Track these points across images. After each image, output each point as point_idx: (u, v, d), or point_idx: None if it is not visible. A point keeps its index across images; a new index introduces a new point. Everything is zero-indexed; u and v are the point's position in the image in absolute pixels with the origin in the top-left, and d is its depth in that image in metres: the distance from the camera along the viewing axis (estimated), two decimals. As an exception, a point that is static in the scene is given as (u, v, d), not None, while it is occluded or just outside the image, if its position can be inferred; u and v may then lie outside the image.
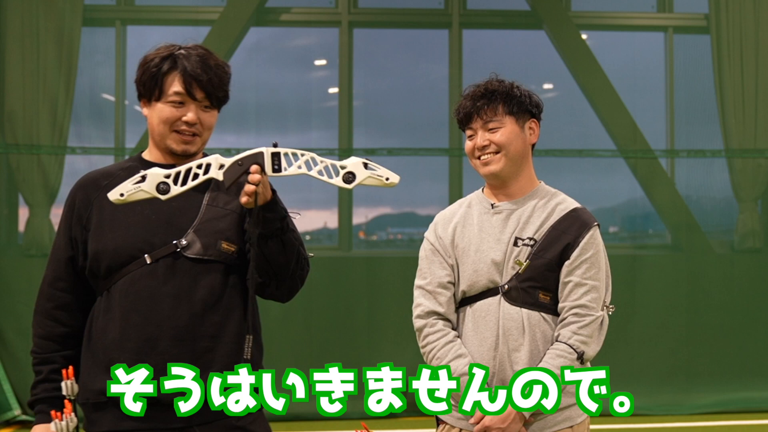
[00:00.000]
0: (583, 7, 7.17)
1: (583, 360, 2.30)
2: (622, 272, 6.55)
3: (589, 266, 2.33)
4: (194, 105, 2.19)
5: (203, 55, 2.21)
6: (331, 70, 7.13)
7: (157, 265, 2.14)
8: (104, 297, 2.18)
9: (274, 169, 2.00)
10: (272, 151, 2.00)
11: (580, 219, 2.38)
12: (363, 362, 6.52)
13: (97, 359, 2.15)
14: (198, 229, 2.17)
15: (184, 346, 2.12)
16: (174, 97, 2.17)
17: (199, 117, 2.20)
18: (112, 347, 2.13)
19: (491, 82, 2.43)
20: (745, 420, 6.10)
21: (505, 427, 2.25)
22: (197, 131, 2.21)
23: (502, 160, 2.39)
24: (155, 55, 2.20)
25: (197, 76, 2.16)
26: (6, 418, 6.04)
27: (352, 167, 1.99)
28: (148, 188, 1.97)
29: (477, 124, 2.42)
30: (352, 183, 1.99)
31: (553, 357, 2.28)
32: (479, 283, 2.36)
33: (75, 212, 2.23)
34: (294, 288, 2.28)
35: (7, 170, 6.50)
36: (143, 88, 2.20)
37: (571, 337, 2.29)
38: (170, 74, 2.17)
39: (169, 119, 2.18)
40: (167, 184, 1.98)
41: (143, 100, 2.23)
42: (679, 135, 7.00)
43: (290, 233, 2.15)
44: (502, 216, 2.41)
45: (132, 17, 6.98)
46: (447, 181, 6.87)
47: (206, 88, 2.18)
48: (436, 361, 2.36)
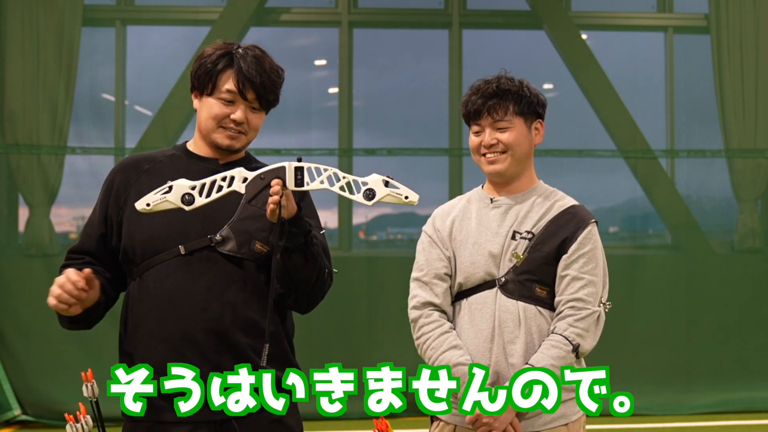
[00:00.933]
0: (583, 7, 7.17)
1: (578, 353, 2.31)
2: (622, 272, 6.55)
3: (587, 261, 2.34)
4: (244, 105, 2.22)
5: (259, 56, 2.24)
6: (331, 70, 7.13)
7: (191, 257, 2.16)
8: (137, 283, 2.21)
9: (297, 184, 2.02)
10: (295, 166, 2.03)
11: (579, 215, 2.39)
12: (363, 362, 6.50)
13: (135, 348, 2.17)
14: (234, 227, 2.19)
15: (219, 341, 2.14)
16: (226, 94, 2.20)
17: (246, 117, 2.23)
18: (149, 336, 2.15)
19: (503, 81, 2.42)
20: (745, 420, 6.10)
21: (498, 417, 2.25)
22: (243, 130, 2.24)
23: (507, 160, 2.40)
24: (213, 50, 2.23)
25: (251, 77, 2.20)
26: (6, 418, 6.04)
27: (372, 184, 2.02)
28: (173, 199, 2.01)
29: (486, 122, 2.41)
30: (372, 200, 2.02)
31: (548, 348, 2.29)
32: (476, 275, 2.37)
33: (113, 192, 2.25)
34: (313, 302, 2.28)
35: (7, 170, 6.50)
36: (197, 81, 2.23)
37: (566, 329, 2.30)
38: (225, 72, 2.20)
39: (218, 116, 2.21)
40: (192, 196, 2.02)
41: (195, 92, 2.26)
42: (679, 135, 7.00)
43: (314, 248, 2.16)
44: (501, 210, 2.42)
45: (132, 17, 6.98)
46: (447, 181, 6.87)
47: (258, 89, 2.22)
48: (430, 351, 2.37)
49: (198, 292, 2.15)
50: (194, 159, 2.27)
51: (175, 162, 2.26)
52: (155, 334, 2.15)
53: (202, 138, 2.28)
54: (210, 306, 2.15)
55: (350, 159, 6.83)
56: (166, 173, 2.21)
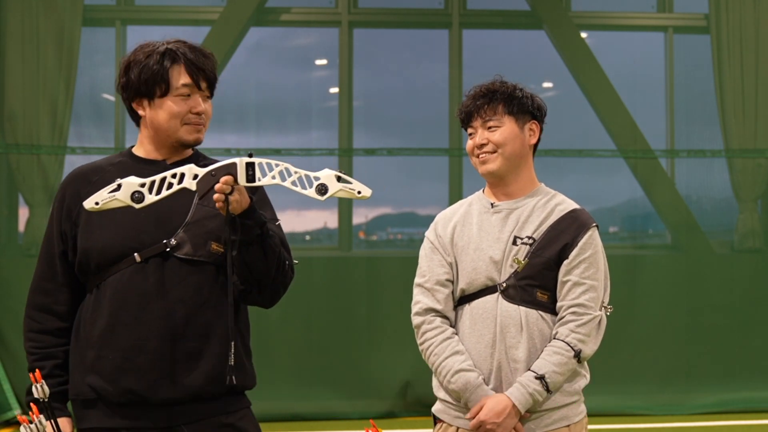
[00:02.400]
0: (583, 7, 7.17)
1: (580, 359, 2.33)
2: (622, 272, 6.55)
3: (588, 266, 2.36)
4: (199, 95, 2.21)
5: (195, 46, 2.23)
6: (331, 70, 7.13)
7: (147, 264, 2.15)
8: (93, 294, 2.19)
9: (248, 179, 2.02)
10: (246, 161, 2.02)
11: (579, 219, 2.40)
12: (363, 362, 6.56)
13: (86, 356, 2.17)
14: (188, 229, 2.17)
15: (174, 346, 2.13)
16: (183, 89, 2.18)
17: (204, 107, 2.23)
18: (101, 344, 2.15)
19: (494, 83, 2.47)
20: (745, 420, 6.10)
21: (500, 421, 2.28)
22: (203, 121, 2.23)
23: (498, 159, 2.42)
24: (148, 52, 2.19)
25: (203, 66, 2.19)
26: (6, 418, 6.04)
27: (325, 179, 2.02)
28: (122, 197, 2.00)
29: (477, 123, 2.45)
30: (324, 195, 2.02)
31: (550, 354, 2.31)
32: (478, 281, 2.39)
33: (65, 207, 2.23)
34: (276, 294, 2.26)
35: (7, 170, 6.50)
36: (144, 86, 2.18)
37: (568, 335, 2.32)
38: (174, 68, 2.18)
39: (181, 113, 2.19)
40: (141, 193, 2.01)
41: (141, 99, 2.21)
42: (679, 135, 7.00)
43: (270, 239, 2.15)
44: (502, 215, 2.43)
45: (132, 17, 6.98)
46: (447, 181, 6.87)
47: (209, 77, 2.22)
48: (433, 357, 2.39)
49: (153, 300, 2.13)
50: (142, 163, 2.24)
51: (123, 169, 2.22)
52: (108, 343, 2.14)
53: (154, 142, 2.24)
54: (165, 313, 2.13)
55: (350, 159, 6.83)
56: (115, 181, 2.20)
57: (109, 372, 2.13)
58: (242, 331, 2.27)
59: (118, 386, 2.12)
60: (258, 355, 2.40)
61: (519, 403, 2.28)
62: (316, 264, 6.55)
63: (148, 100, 2.20)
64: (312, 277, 6.35)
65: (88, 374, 2.15)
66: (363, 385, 6.32)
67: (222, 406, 2.19)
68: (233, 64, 6.76)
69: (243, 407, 2.24)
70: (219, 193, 2.02)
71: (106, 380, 2.13)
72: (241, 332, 2.26)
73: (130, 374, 2.12)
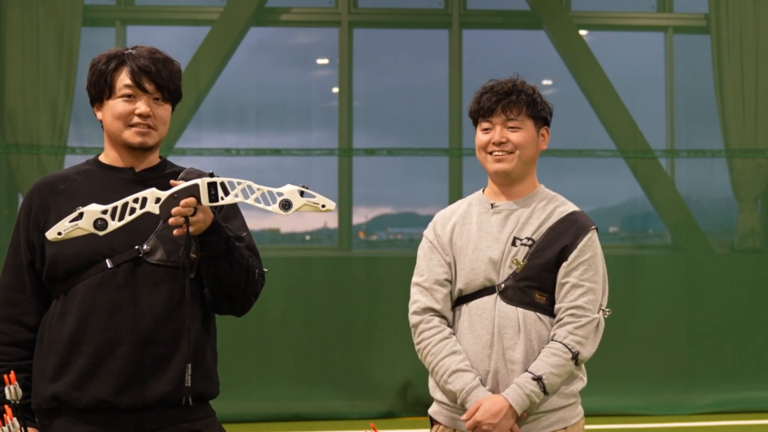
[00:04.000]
0: (583, 7, 7.17)
1: (578, 361, 2.33)
2: (622, 272, 6.55)
3: (587, 268, 2.35)
4: (145, 97, 2.18)
5: (151, 50, 2.21)
6: (331, 70, 7.13)
7: (119, 270, 2.13)
8: (60, 300, 2.16)
9: (211, 199, 2.03)
10: (208, 182, 2.03)
11: (579, 222, 2.40)
12: (363, 362, 6.56)
13: (50, 363, 2.14)
14: (160, 235, 2.15)
15: (143, 352, 2.12)
16: (125, 90, 2.17)
17: (152, 110, 2.19)
18: (68, 350, 2.12)
19: (519, 82, 2.43)
20: (745, 420, 6.10)
21: (497, 422, 2.27)
22: (152, 124, 2.19)
23: (515, 161, 2.40)
24: (102, 56, 2.21)
25: (145, 68, 2.16)
26: (6, 418, 6.03)
27: (288, 195, 2.04)
28: (85, 225, 2.00)
29: (498, 119, 2.40)
30: (288, 210, 2.04)
31: (547, 356, 2.31)
32: (476, 281, 2.38)
33: (32, 216, 2.19)
34: (247, 303, 2.25)
35: (7, 170, 6.50)
36: (93, 90, 2.20)
37: (566, 337, 2.31)
38: (119, 70, 2.17)
39: (122, 114, 2.17)
40: (104, 221, 2.01)
41: (96, 104, 2.23)
42: (679, 135, 7.00)
43: (237, 252, 2.15)
44: (502, 216, 2.42)
45: (132, 17, 6.98)
46: (447, 181, 6.86)
47: (156, 79, 2.18)
48: (430, 357, 2.38)
49: (124, 305, 2.12)
50: (109, 171, 2.23)
51: (90, 177, 2.21)
52: (75, 349, 2.12)
53: (113, 146, 2.24)
54: (136, 319, 2.12)
55: (350, 159, 6.83)
56: (83, 190, 2.18)
57: (76, 378, 2.10)
58: (212, 338, 2.27)
59: (85, 392, 2.10)
60: (258, 355, 2.41)
61: (516, 404, 2.28)
62: (316, 264, 6.55)
63: (99, 103, 2.21)
64: (312, 277, 6.35)
65: (51, 382, 2.12)
66: (363, 385, 6.32)
67: (189, 413, 2.17)
68: (233, 64, 6.76)
69: (209, 415, 2.24)
70: (174, 218, 2.01)
71: (72, 387, 2.10)
72: (210, 340, 2.26)
73: (98, 380, 2.10)
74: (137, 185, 2.16)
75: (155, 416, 2.13)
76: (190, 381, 2.09)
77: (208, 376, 2.21)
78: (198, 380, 2.15)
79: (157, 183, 2.15)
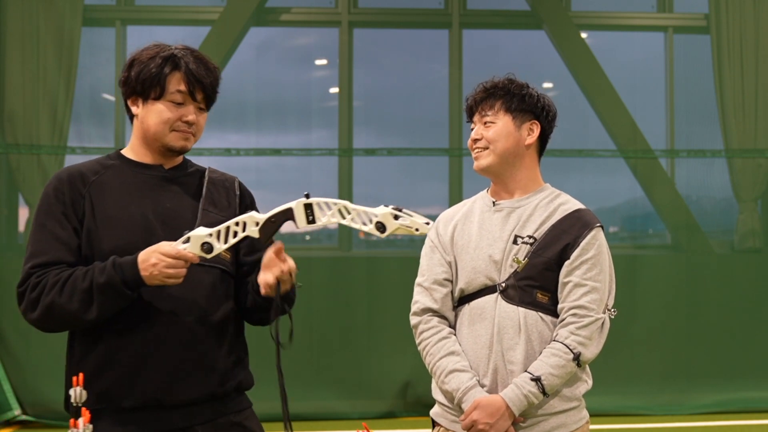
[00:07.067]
0: (583, 7, 7.17)
1: (580, 362, 2.27)
2: (622, 272, 6.48)
3: (590, 267, 2.29)
4: (193, 106, 2.21)
5: (201, 57, 2.23)
6: (332, 69, 7.13)
7: None
8: None
9: (309, 221, 2.07)
10: (304, 203, 2.06)
11: (582, 219, 2.34)
12: (363, 362, 6.56)
13: (93, 361, 2.12)
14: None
15: (189, 348, 2.14)
16: (176, 96, 2.18)
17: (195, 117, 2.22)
18: (114, 348, 2.11)
19: (500, 80, 2.44)
20: (745, 420, 6.10)
21: (493, 422, 2.23)
22: (194, 131, 2.23)
23: (490, 156, 2.39)
24: (153, 54, 2.19)
25: (200, 78, 2.19)
26: (6, 418, 6.03)
27: (382, 218, 2.08)
28: (193, 249, 2.06)
29: (476, 118, 2.43)
30: (384, 232, 2.09)
31: (548, 356, 2.25)
32: (477, 280, 2.34)
33: (67, 202, 2.14)
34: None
35: (7, 170, 6.50)
36: (141, 86, 2.18)
37: (568, 337, 2.26)
38: (173, 74, 2.18)
39: (171, 119, 2.18)
40: (210, 244, 2.06)
41: (136, 98, 2.21)
42: (679, 135, 7.00)
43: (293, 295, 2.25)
44: (503, 214, 2.39)
45: (132, 17, 6.98)
46: (447, 181, 6.87)
47: (206, 89, 2.21)
48: (429, 357, 2.36)
49: (167, 302, 2.12)
50: (138, 167, 2.23)
51: (119, 172, 2.20)
52: (121, 347, 2.11)
53: (145, 144, 2.24)
54: (179, 315, 2.13)
55: (350, 159, 6.83)
56: (113, 185, 2.18)
57: (122, 376, 2.09)
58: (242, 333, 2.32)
59: (132, 391, 2.09)
60: (258, 355, 2.41)
61: (513, 404, 2.23)
62: (316, 264, 6.54)
63: (143, 100, 2.20)
64: (312, 277, 6.34)
65: (95, 380, 2.08)
66: (363, 385, 6.32)
67: (232, 405, 2.23)
68: (233, 63, 6.76)
69: (247, 406, 2.30)
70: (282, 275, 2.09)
71: (119, 385, 2.09)
72: (243, 335, 2.32)
73: (145, 377, 2.09)
74: (169, 183, 2.22)
75: (201, 411, 2.15)
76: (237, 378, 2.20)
77: (244, 367, 2.28)
78: (239, 372, 2.23)
79: (185, 181, 2.24)
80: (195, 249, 2.04)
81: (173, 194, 2.21)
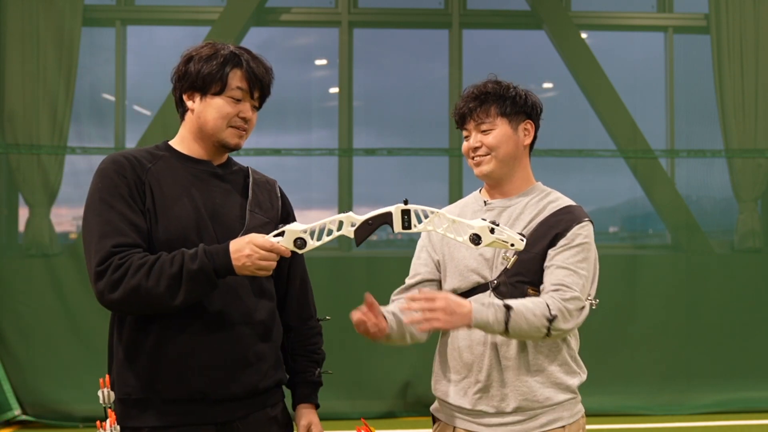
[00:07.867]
0: (583, 7, 7.17)
1: (551, 328, 2.20)
2: (622, 272, 6.56)
3: (575, 254, 2.29)
4: (249, 103, 2.25)
5: (258, 57, 2.28)
6: (332, 69, 7.13)
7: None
8: None
9: (404, 227, 2.11)
10: (402, 209, 2.10)
11: (571, 214, 2.36)
12: (363, 362, 6.55)
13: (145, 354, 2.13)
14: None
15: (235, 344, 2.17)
16: (236, 92, 2.22)
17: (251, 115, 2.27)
18: (164, 341, 2.12)
19: (486, 84, 2.45)
20: (745, 420, 6.10)
21: (455, 313, 2.16)
22: (247, 128, 2.27)
23: (492, 162, 2.41)
24: (213, 51, 2.22)
25: (261, 76, 2.25)
26: (6, 418, 6.04)
27: (478, 230, 2.09)
28: (286, 243, 2.08)
29: (471, 126, 2.44)
30: (479, 245, 2.09)
31: (528, 301, 2.22)
32: (470, 278, 2.38)
33: (133, 186, 2.13)
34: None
35: (7, 170, 6.50)
36: (201, 81, 2.20)
37: (550, 299, 2.23)
38: (235, 71, 2.21)
39: (229, 114, 2.21)
40: (304, 240, 2.09)
41: (193, 92, 2.22)
42: (679, 135, 7.00)
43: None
44: (494, 213, 2.42)
45: (132, 17, 6.98)
46: (447, 181, 6.87)
47: (264, 88, 2.27)
48: None
49: (214, 298, 2.15)
50: (189, 162, 2.25)
51: (170, 164, 2.22)
52: (169, 338, 2.12)
53: (198, 139, 2.25)
54: (226, 311, 2.16)
55: (350, 159, 6.83)
56: (166, 175, 2.19)
57: (171, 369, 2.11)
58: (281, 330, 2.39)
59: (180, 383, 2.11)
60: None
61: (476, 311, 2.16)
62: (316, 264, 6.52)
63: (201, 95, 2.22)
64: (312, 277, 6.31)
65: (143, 372, 2.11)
66: (363, 385, 6.32)
67: (270, 400, 2.27)
68: (233, 64, 6.75)
69: (280, 400, 2.34)
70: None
71: (167, 377, 2.11)
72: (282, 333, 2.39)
73: (191, 372, 2.12)
74: (218, 179, 2.25)
75: (242, 406, 2.19)
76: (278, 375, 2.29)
77: (282, 364, 2.35)
78: (279, 368, 2.30)
79: (232, 179, 2.28)
80: (288, 243, 2.07)
81: (222, 191, 2.24)
